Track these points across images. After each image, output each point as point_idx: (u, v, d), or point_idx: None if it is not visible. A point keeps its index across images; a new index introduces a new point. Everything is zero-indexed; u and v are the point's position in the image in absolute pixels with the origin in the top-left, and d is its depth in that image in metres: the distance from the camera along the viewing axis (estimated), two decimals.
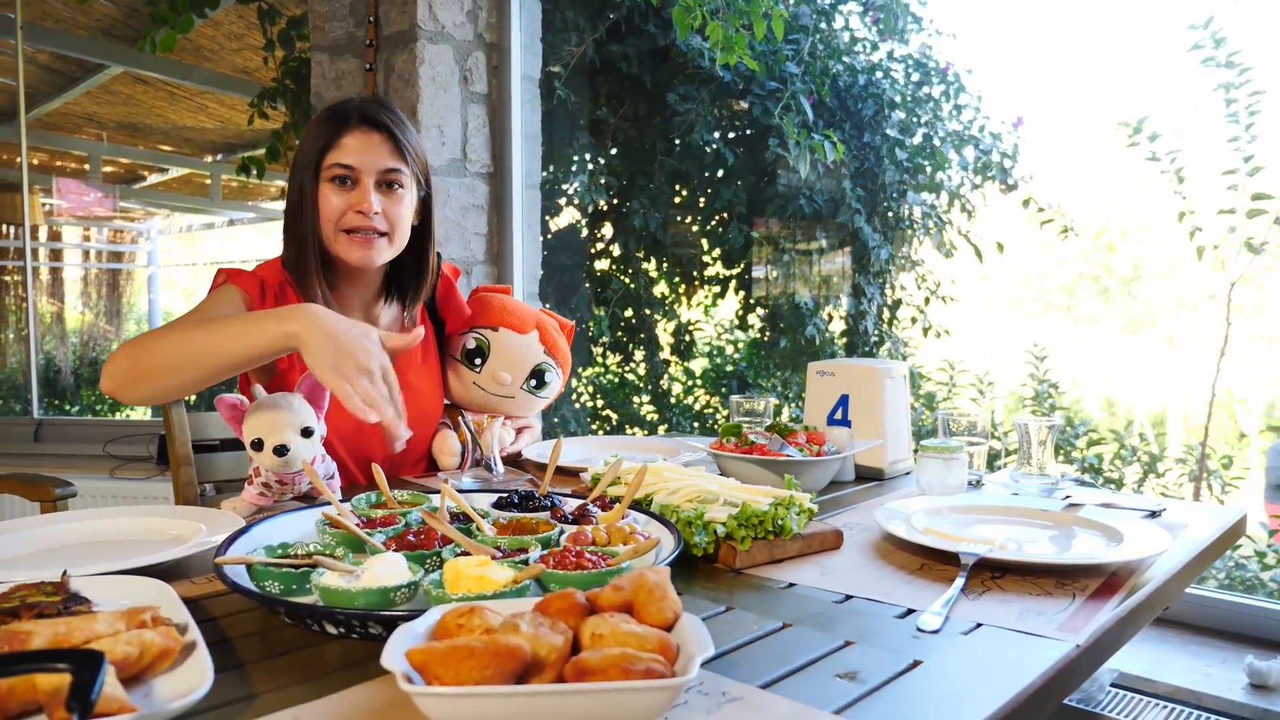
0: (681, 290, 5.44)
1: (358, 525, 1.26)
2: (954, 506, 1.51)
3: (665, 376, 5.50)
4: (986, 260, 5.02)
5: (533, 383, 1.99)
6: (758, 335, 5.47)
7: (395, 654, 0.78)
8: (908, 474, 1.97)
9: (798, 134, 3.78)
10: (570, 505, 1.39)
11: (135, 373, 1.49)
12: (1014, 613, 1.10)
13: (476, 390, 1.97)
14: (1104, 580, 1.22)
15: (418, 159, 1.78)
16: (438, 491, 1.48)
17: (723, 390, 5.64)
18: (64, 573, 1.12)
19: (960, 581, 1.17)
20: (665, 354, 5.44)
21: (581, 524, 1.30)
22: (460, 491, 1.46)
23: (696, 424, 5.50)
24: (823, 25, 4.48)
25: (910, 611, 1.10)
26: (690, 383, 5.74)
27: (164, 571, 1.23)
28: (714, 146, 4.52)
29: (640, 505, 1.39)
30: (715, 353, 5.73)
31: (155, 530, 1.46)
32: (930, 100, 5.00)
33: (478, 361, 1.96)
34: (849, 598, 1.16)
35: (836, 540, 1.38)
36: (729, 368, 5.68)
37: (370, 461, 1.83)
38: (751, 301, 5.31)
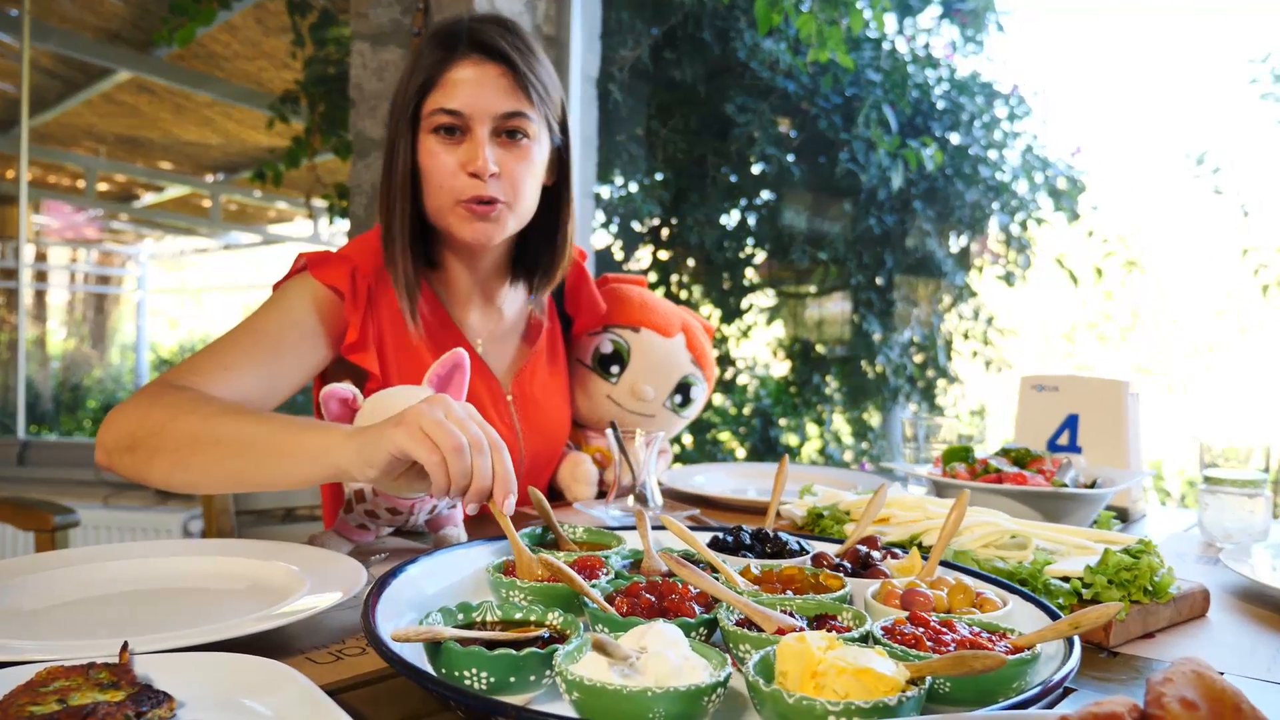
0: (722, 318, 5.06)
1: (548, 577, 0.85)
2: None
3: (708, 410, 5.09)
4: (1062, 287, 4.68)
5: (678, 398, 1.59)
6: (788, 374, 5.08)
7: None
8: (1144, 516, 1.58)
9: (888, 142, 3.43)
10: (823, 548, 0.98)
11: (139, 451, 1.08)
12: None
13: (609, 405, 1.57)
14: None
15: (549, 98, 1.34)
16: (614, 527, 1.07)
17: (741, 432, 5.21)
18: (124, 647, 0.70)
19: None
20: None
21: (869, 575, 0.89)
22: (609, 529, 1.05)
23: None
24: (900, 32, 4.18)
25: None
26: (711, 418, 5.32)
27: (250, 641, 0.81)
28: (777, 161, 4.17)
29: (903, 547, 0.98)
30: (736, 390, 5.29)
31: (226, 574, 1.03)
32: (996, 122, 4.70)
33: (614, 370, 1.55)
34: None
35: (1205, 604, 0.98)
36: (746, 409, 5.25)
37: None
38: (782, 339, 4.94)
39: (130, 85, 6.02)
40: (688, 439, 5.01)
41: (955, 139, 4.37)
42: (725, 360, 5.04)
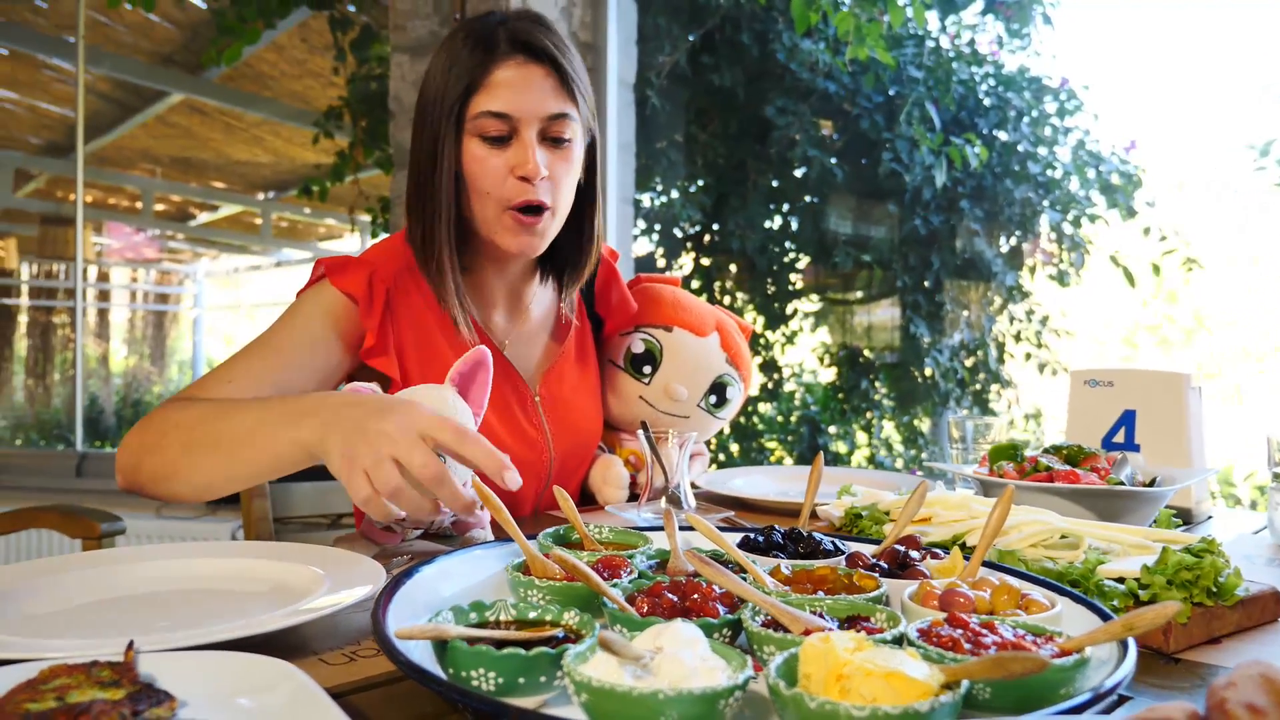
0: (766, 324, 4.99)
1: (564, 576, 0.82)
2: None
3: (754, 417, 5.03)
4: (1120, 287, 4.53)
5: (712, 399, 1.55)
6: (835, 380, 4.98)
7: None
8: (1209, 518, 1.49)
9: (931, 140, 3.35)
10: (860, 549, 0.94)
11: (146, 469, 1.12)
12: None
13: (642, 406, 1.53)
14: None
15: (588, 96, 1.33)
16: (645, 528, 1.03)
17: (788, 439, 5.12)
18: (130, 646, 0.68)
19: None
20: (754, 391, 4.98)
21: (907, 576, 0.84)
22: (639, 529, 1.01)
23: None
24: (944, 29, 4.09)
25: None
26: (757, 425, 5.25)
27: (265, 642, 0.79)
28: (818, 163, 4.11)
29: (944, 548, 0.93)
30: (783, 398, 5.21)
31: (249, 576, 1.02)
32: (1045, 118, 4.58)
33: (646, 370, 1.52)
34: None
35: (1277, 607, 0.91)
36: (793, 417, 5.17)
37: (510, 495, 1.40)
38: (829, 345, 4.86)
39: (182, 107, 6.19)
40: (734, 447, 4.95)
41: (1003, 136, 4.26)
42: (771, 367, 4.98)
